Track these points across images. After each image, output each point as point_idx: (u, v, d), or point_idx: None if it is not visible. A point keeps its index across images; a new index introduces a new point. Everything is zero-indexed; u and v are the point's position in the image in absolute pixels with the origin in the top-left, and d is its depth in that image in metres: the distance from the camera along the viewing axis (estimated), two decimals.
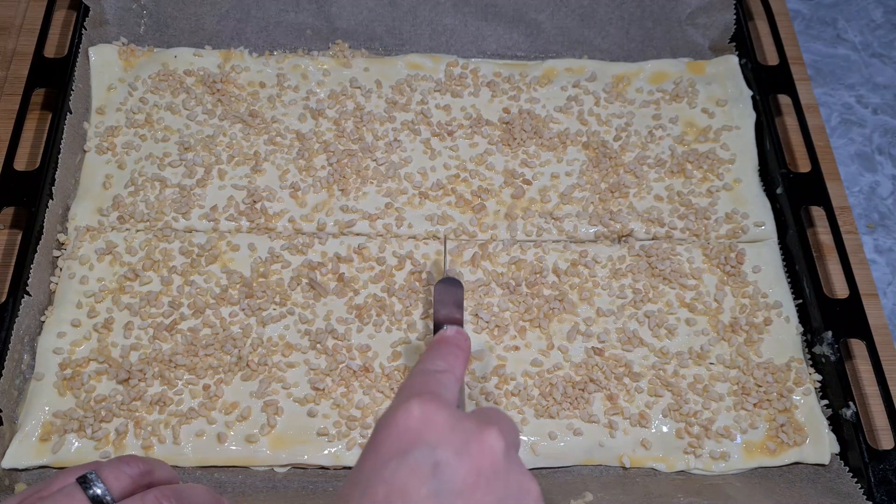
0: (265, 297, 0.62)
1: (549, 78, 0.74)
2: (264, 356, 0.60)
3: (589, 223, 0.67)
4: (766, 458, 0.58)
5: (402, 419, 0.34)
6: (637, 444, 0.58)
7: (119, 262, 0.63)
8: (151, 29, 0.75)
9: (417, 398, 0.35)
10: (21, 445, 0.56)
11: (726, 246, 0.66)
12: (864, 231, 0.75)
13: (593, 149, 0.71)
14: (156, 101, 0.71)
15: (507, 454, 0.34)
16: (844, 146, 0.80)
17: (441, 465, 0.32)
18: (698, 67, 0.76)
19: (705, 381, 0.61)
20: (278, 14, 0.76)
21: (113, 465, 0.39)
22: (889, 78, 0.85)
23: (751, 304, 0.64)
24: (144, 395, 0.58)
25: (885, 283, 0.72)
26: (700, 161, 0.70)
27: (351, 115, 0.72)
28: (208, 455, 0.56)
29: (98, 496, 0.38)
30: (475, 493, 0.32)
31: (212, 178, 0.68)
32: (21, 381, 0.59)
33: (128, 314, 0.61)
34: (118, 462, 0.40)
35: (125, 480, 0.39)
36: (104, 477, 0.38)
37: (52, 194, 0.64)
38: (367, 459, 0.34)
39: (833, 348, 0.61)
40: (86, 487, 0.38)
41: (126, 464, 0.39)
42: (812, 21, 0.89)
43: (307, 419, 0.58)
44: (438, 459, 0.32)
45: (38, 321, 0.61)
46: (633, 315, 0.63)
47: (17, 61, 0.74)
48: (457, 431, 0.34)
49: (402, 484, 0.32)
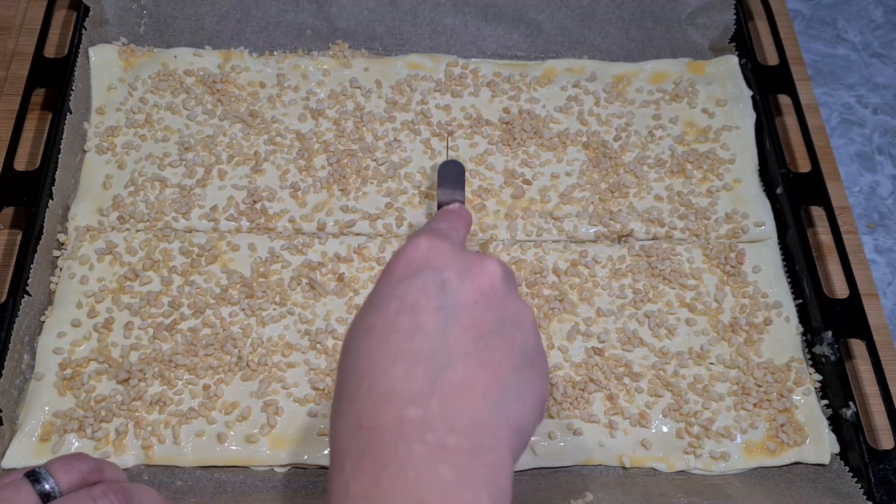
0: (265, 297, 0.62)
1: (549, 78, 0.74)
2: (264, 356, 0.60)
3: (589, 223, 0.67)
4: (766, 458, 0.58)
5: (412, 250, 0.38)
6: (637, 444, 0.58)
7: (119, 262, 0.63)
8: (151, 29, 0.75)
9: (425, 234, 0.39)
10: (21, 445, 0.56)
11: (726, 246, 0.66)
12: (864, 231, 0.75)
13: (593, 149, 0.71)
14: (156, 101, 0.71)
15: (505, 281, 0.38)
16: (844, 146, 0.80)
17: (447, 284, 0.36)
18: (698, 67, 0.76)
19: (705, 381, 0.61)
20: (278, 14, 0.76)
21: (63, 461, 0.40)
22: (889, 78, 0.85)
23: (751, 304, 0.64)
24: (144, 395, 0.58)
25: (885, 283, 0.72)
26: (700, 161, 0.70)
27: (351, 115, 0.72)
28: (208, 455, 0.56)
29: (46, 491, 0.38)
30: (477, 309, 0.35)
31: (212, 178, 0.68)
32: (21, 380, 0.59)
33: (128, 314, 0.61)
34: (69, 458, 0.41)
35: (75, 476, 0.40)
36: (53, 472, 0.39)
37: (52, 194, 0.64)
38: (381, 284, 0.38)
39: (833, 348, 0.61)
40: (34, 482, 0.38)
41: (77, 460, 0.40)
42: (812, 21, 0.89)
43: (307, 419, 0.58)
44: (445, 279, 0.36)
45: (38, 321, 0.61)
46: (633, 315, 0.63)
47: (17, 61, 0.74)
48: (460, 259, 0.38)
49: (412, 299, 0.35)
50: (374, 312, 0.36)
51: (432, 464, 0.31)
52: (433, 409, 0.32)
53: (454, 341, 0.34)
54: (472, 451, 0.32)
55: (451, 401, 0.33)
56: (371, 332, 0.35)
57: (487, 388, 0.34)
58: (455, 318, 0.35)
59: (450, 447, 0.32)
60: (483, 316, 0.36)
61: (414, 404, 0.32)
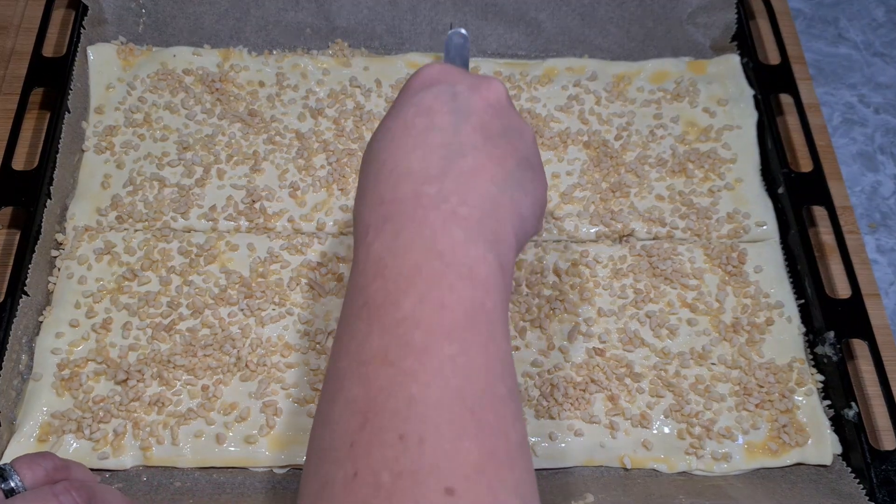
0: (264, 298, 0.62)
1: (549, 77, 0.74)
2: (263, 356, 0.60)
3: (590, 223, 0.67)
4: (767, 459, 0.58)
5: (426, 71, 0.42)
6: (638, 445, 0.58)
7: (117, 262, 0.63)
8: (150, 28, 0.75)
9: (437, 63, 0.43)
10: (19, 446, 0.56)
11: (728, 246, 0.66)
12: (866, 231, 0.75)
13: (594, 148, 0.70)
14: (154, 101, 0.71)
15: (509, 99, 0.42)
16: (846, 146, 0.80)
17: (459, 95, 0.40)
18: (699, 67, 0.76)
19: (707, 382, 0.60)
20: (277, 13, 0.76)
21: (28, 458, 0.41)
22: (891, 77, 0.84)
23: (752, 305, 0.64)
24: (143, 396, 0.58)
25: (886, 282, 0.72)
26: (701, 160, 0.70)
27: (350, 114, 0.71)
28: (207, 456, 0.56)
29: (11, 488, 0.39)
30: (485, 115, 0.40)
31: (211, 178, 0.67)
32: (19, 381, 0.58)
33: (126, 314, 0.61)
34: (34, 456, 0.41)
35: (39, 473, 0.41)
36: (18, 469, 0.40)
37: (51, 194, 0.64)
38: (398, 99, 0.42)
39: (835, 349, 0.60)
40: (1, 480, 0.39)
41: (42, 458, 0.41)
42: (813, 20, 0.88)
43: (307, 420, 0.58)
44: (457, 91, 0.40)
45: (36, 321, 0.61)
46: (634, 315, 0.63)
47: (16, 60, 0.74)
48: (469, 77, 0.42)
49: (427, 105, 0.40)
50: (392, 118, 0.40)
51: (446, 225, 0.35)
52: (447, 185, 0.37)
53: (465, 136, 0.39)
54: (480, 219, 0.36)
55: (463, 180, 0.37)
56: (390, 132, 0.40)
57: (494, 173, 0.38)
58: (466, 120, 0.39)
59: (461, 214, 0.36)
60: (490, 121, 0.40)
61: (430, 182, 0.37)
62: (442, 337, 0.33)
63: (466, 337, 0.33)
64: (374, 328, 0.34)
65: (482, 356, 0.34)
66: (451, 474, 0.30)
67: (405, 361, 0.32)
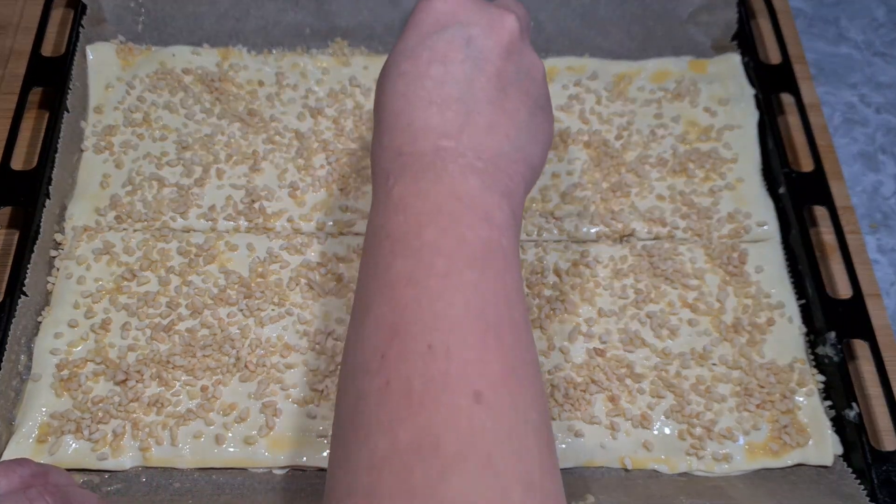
0: (264, 298, 0.62)
1: (549, 76, 0.74)
2: (263, 357, 0.59)
3: (590, 223, 0.67)
4: (768, 460, 0.58)
5: (440, 4, 0.43)
6: (639, 446, 0.58)
7: (116, 262, 0.63)
8: (149, 27, 0.75)
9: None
10: (18, 447, 0.55)
11: (728, 246, 0.66)
12: (867, 231, 0.74)
13: (595, 148, 0.70)
14: (154, 100, 0.71)
15: (522, 36, 0.43)
16: (847, 145, 0.80)
17: (473, 39, 0.41)
18: (700, 66, 0.75)
19: (707, 382, 0.60)
20: (277, 13, 0.76)
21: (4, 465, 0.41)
22: (892, 77, 0.84)
23: (753, 305, 0.63)
24: (142, 397, 0.57)
25: (888, 283, 0.72)
26: (702, 160, 0.70)
27: (350, 113, 0.71)
28: (206, 456, 0.56)
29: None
30: (499, 61, 0.41)
31: (210, 178, 0.67)
32: (18, 382, 0.58)
33: (125, 315, 0.61)
34: (11, 462, 0.42)
35: (15, 480, 0.41)
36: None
37: (49, 194, 0.64)
38: (410, 35, 0.43)
39: (836, 349, 0.60)
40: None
41: (18, 464, 0.42)
42: (814, 19, 0.88)
43: (306, 420, 0.57)
44: (471, 34, 0.41)
45: (34, 322, 0.60)
46: (634, 315, 0.63)
47: (14, 60, 0.73)
48: (483, 14, 0.42)
49: (442, 51, 0.41)
50: (405, 59, 0.41)
51: (464, 174, 0.38)
52: (464, 141, 0.39)
53: (480, 89, 0.40)
54: (494, 174, 0.39)
55: (478, 137, 0.39)
56: (405, 77, 0.41)
57: (507, 129, 0.40)
58: (480, 69, 0.40)
59: (477, 168, 0.38)
60: (504, 67, 0.41)
61: (447, 138, 0.39)
62: (463, 265, 0.35)
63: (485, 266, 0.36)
64: (398, 255, 0.36)
65: (500, 284, 0.36)
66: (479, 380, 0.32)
67: (429, 281, 0.35)
